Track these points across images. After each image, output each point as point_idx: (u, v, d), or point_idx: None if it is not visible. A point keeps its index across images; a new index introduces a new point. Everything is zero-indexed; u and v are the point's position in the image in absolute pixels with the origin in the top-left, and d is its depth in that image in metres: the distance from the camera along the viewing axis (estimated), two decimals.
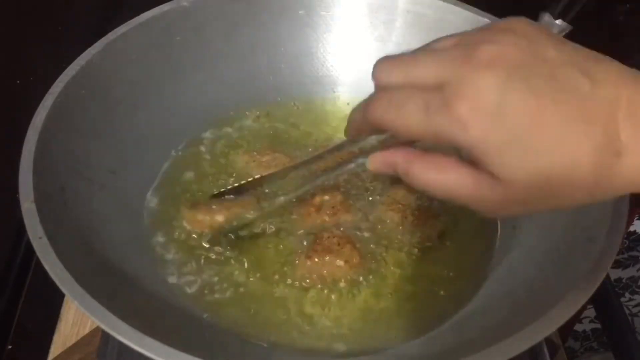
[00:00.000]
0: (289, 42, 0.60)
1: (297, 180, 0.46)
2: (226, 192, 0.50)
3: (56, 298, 0.55)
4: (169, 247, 0.48)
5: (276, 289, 0.46)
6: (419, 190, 0.33)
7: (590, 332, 1.04)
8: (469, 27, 0.55)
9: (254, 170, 0.53)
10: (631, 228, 0.89)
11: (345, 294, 0.46)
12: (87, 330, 0.53)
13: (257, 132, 0.59)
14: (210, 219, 0.48)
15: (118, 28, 0.51)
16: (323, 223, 0.49)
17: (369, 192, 0.53)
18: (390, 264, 0.48)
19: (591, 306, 0.48)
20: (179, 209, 0.50)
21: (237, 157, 0.55)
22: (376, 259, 0.48)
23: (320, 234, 0.48)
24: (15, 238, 0.50)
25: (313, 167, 0.44)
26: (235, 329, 0.44)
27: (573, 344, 1.06)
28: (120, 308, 0.33)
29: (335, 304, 0.46)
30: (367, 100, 0.34)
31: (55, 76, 0.46)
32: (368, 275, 0.47)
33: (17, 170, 0.40)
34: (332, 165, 0.42)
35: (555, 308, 0.35)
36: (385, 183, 0.53)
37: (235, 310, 0.45)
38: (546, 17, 0.51)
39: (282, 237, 0.49)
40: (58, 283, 0.34)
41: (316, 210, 0.50)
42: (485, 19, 0.55)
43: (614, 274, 0.95)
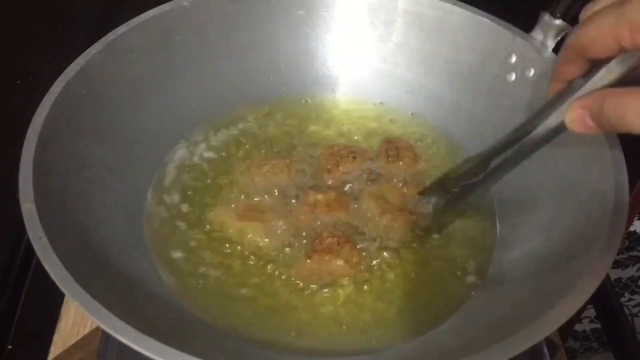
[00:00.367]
0: (289, 42, 0.60)
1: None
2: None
3: (56, 298, 0.55)
4: (169, 247, 0.48)
5: (276, 289, 0.46)
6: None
7: (590, 332, 1.04)
8: (469, 27, 0.56)
9: (255, 176, 0.53)
10: (631, 228, 0.89)
11: (344, 293, 0.46)
12: (87, 330, 0.53)
13: (257, 132, 0.59)
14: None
15: (118, 28, 0.51)
16: (316, 221, 0.50)
17: (364, 190, 0.53)
18: (389, 264, 0.48)
19: (591, 306, 0.48)
20: (180, 209, 0.50)
21: (238, 162, 0.55)
22: (375, 258, 0.48)
23: (320, 234, 0.48)
24: (15, 238, 0.50)
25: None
26: (234, 329, 0.44)
27: (573, 344, 1.06)
28: (120, 308, 0.33)
29: (334, 303, 0.46)
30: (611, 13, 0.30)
31: (55, 76, 0.46)
32: (368, 274, 0.47)
33: (17, 170, 0.40)
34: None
35: (555, 308, 0.35)
36: (380, 181, 0.53)
37: (235, 311, 0.45)
38: (546, 17, 0.51)
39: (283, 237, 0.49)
40: (58, 283, 0.34)
41: (310, 209, 0.50)
42: (485, 19, 0.55)
43: (614, 274, 0.95)
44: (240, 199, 0.52)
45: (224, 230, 0.50)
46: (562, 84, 0.38)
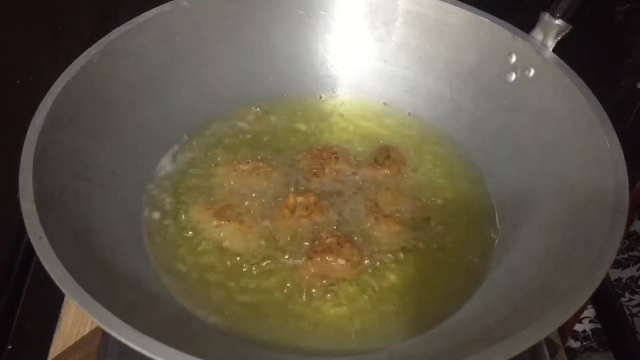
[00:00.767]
0: (289, 42, 0.60)
1: None
2: None
3: (56, 298, 0.55)
4: (169, 248, 0.48)
5: (277, 289, 0.46)
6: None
7: (590, 332, 1.04)
8: (469, 27, 0.56)
9: (233, 180, 0.53)
10: (631, 228, 0.89)
11: (344, 292, 0.46)
12: (87, 330, 0.53)
13: (257, 132, 0.59)
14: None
15: (118, 28, 0.51)
16: (297, 224, 0.50)
17: (347, 193, 0.53)
18: (390, 264, 0.48)
19: (591, 306, 0.48)
20: (180, 209, 0.50)
21: (221, 167, 0.55)
22: (373, 258, 0.48)
23: (319, 234, 0.48)
24: (15, 238, 0.50)
25: None
26: (234, 329, 0.44)
27: (573, 344, 1.06)
28: (120, 308, 0.33)
29: (335, 303, 0.46)
30: None
31: (55, 76, 0.46)
32: (368, 274, 0.47)
33: (17, 170, 0.40)
34: None
35: (555, 308, 0.35)
36: (365, 185, 0.53)
37: (235, 311, 0.45)
38: (546, 17, 0.51)
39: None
40: (58, 283, 0.34)
41: (290, 212, 0.50)
42: (485, 19, 0.55)
43: (614, 274, 0.95)
44: (227, 200, 0.52)
45: (213, 230, 0.49)
46: None
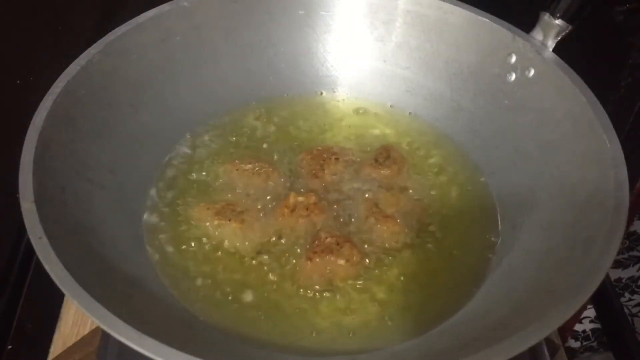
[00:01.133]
0: (289, 42, 0.61)
1: None
2: None
3: (56, 298, 0.55)
4: (169, 247, 0.48)
5: (277, 289, 0.46)
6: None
7: (590, 332, 1.04)
8: (469, 27, 0.56)
9: (234, 180, 0.53)
10: (631, 228, 0.89)
11: (345, 293, 0.46)
12: (87, 330, 0.53)
13: (257, 132, 0.59)
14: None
15: (118, 28, 0.51)
16: (298, 223, 0.49)
17: (347, 193, 0.53)
18: (390, 264, 0.48)
19: (591, 306, 0.48)
20: (180, 209, 0.50)
21: (222, 167, 0.54)
22: (373, 258, 0.48)
23: (318, 234, 0.48)
24: (15, 238, 0.50)
25: None
26: (234, 329, 0.44)
27: (573, 344, 1.06)
28: (120, 308, 0.33)
29: (335, 303, 0.46)
30: None
31: (55, 76, 0.46)
32: (367, 274, 0.47)
33: (17, 170, 0.40)
34: None
35: (555, 308, 0.35)
36: (365, 186, 0.53)
37: (235, 311, 0.45)
38: (546, 17, 0.51)
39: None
40: (58, 283, 0.34)
41: (290, 212, 0.50)
42: (485, 19, 0.55)
43: (614, 274, 0.95)
44: (227, 199, 0.52)
45: (213, 229, 0.49)
46: None
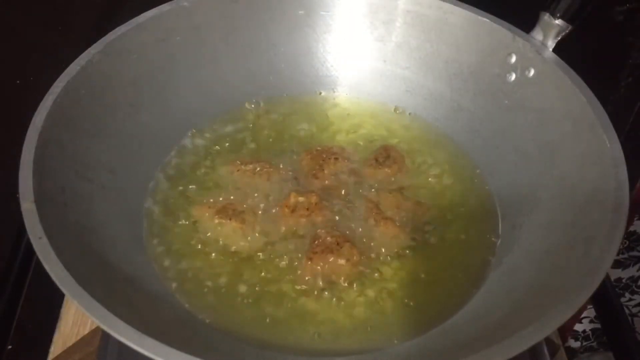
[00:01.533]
0: (289, 42, 0.61)
1: None
2: None
3: (56, 298, 0.55)
4: (169, 247, 0.48)
5: (276, 289, 0.46)
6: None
7: (590, 332, 1.04)
8: (469, 27, 0.56)
9: (234, 179, 0.53)
10: (631, 228, 0.89)
11: (344, 293, 0.46)
12: (87, 330, 0.53)
13: (257, 132, 0.59)
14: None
15: (118, 28, 0.51)
16: (298, 223, 0.49)
17: (347, 193, 0.53)
18: (389, 264, 0.48)
19: (591, 306, 0.48)
20: (180, 209, 0.50)
21: (222, 167, 0.55)
22: (373, 258, 0.48)
23: (318, 234, 0.48)
24: (15, 238, 0.50)
25: None
26: (234, 329, 0.44)
27: (573, 344, 1.06)
28: (120, 308, 0.33)
29: (335, 303, 0.46)
30: None
31: (55, 76, 0.46)
32: (367, 274, 0.47)
33: (17, 170, 0.40)
34: None
35: (555, 308, 0.35)
36: (365, 186, 0.53)
37: (235, 311, 0.45)
38: (546, 17, 0.51)
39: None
40: (58, 283, 0.34)
41: (291, 211, 0.50)
42: (485, 19, 0.55)
43: (614, 274, 0.95)
44: (228, 199, 0.52)
45: (214, 229, 0.49)
46: None
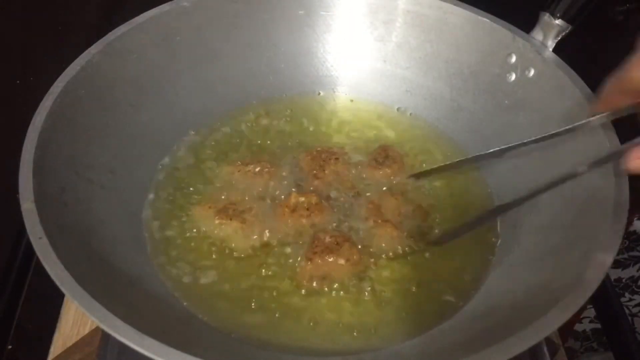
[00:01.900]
0: (289, 41, 0.61)
1: None
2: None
3: (56, 298, 0.55)
4: (169, 248, 0.48)
5: (277, 288, 0.46)
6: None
7: (590, 332, 1.03)
8: (469, 27, 0.56)
9: (235, 180, 0.53)
10: (631, 228, 0.89)
11: (344, 292, 0.46)
12: (87, 330, 0.53)
13: (257, 132, 0.59)
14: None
15: (118, 28, 0.51)
16: (298, 223, 0.49)
17: (347, 193, 0.53)
18: (389, 264, 0.48)
19: (591, 306, 0.48)
20: (181, 209, 0.50)
21: (222, 167, 0.55)
22: (373, 258, 0.48)
23: (317, 234, 0.48)
24: (15, 238, 0.50)
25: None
26: (234, 329, 0.44)
27: (573, 344, 1.06)
28: (120, 308, 0.33)
29: (334, 303, 0.46)
30: (626, 67, 0.35)
31: (55, 76, 0.46)
32: (367, 274, 0.47)
33: (17, 170, 0.40)
34: None
35: (555, 308, 0.35)
36: (365, 186, 0.53)
37: (234, 311, 0.45)
38: (546, 17, 0.51)
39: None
40: (58, 283, 0.34)
41: (291, 211, 0.50)
42: (485, 19, 0.55)
43: (614, 274, 0.95)
44: (228, 199, 0.52)
45: (214, 229, 0.49)
46: (606, 108, 0.42)
